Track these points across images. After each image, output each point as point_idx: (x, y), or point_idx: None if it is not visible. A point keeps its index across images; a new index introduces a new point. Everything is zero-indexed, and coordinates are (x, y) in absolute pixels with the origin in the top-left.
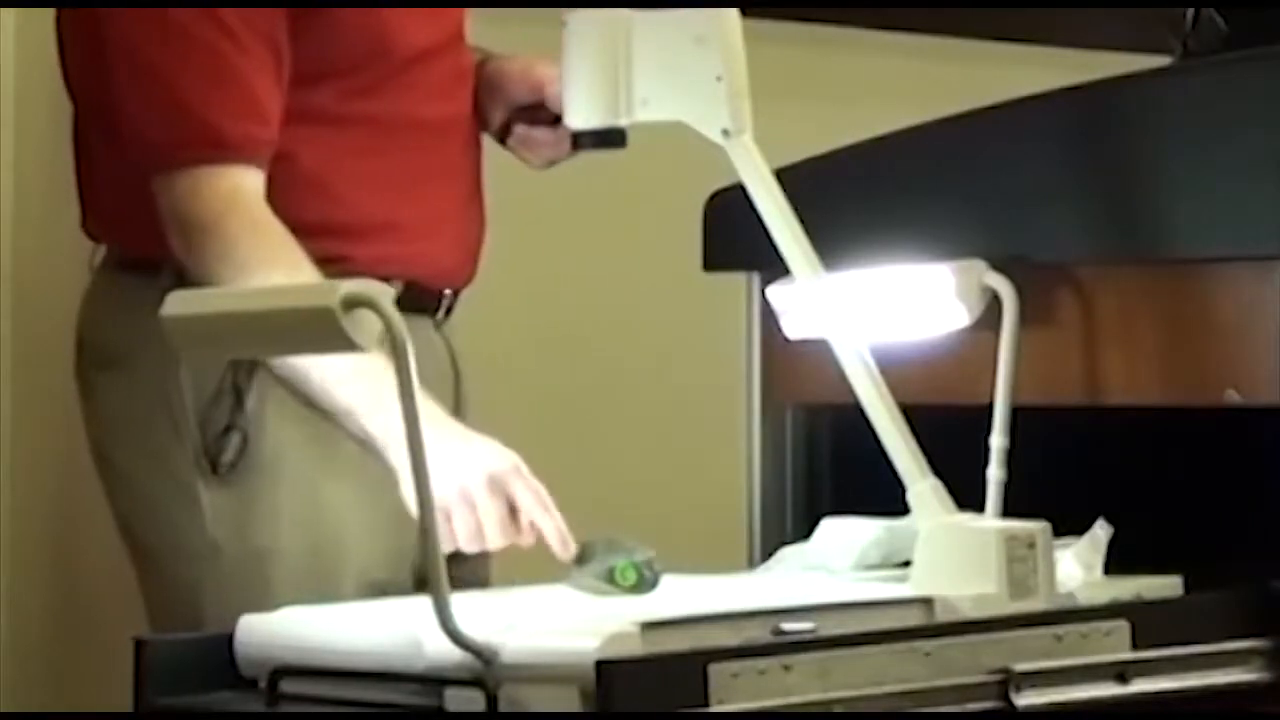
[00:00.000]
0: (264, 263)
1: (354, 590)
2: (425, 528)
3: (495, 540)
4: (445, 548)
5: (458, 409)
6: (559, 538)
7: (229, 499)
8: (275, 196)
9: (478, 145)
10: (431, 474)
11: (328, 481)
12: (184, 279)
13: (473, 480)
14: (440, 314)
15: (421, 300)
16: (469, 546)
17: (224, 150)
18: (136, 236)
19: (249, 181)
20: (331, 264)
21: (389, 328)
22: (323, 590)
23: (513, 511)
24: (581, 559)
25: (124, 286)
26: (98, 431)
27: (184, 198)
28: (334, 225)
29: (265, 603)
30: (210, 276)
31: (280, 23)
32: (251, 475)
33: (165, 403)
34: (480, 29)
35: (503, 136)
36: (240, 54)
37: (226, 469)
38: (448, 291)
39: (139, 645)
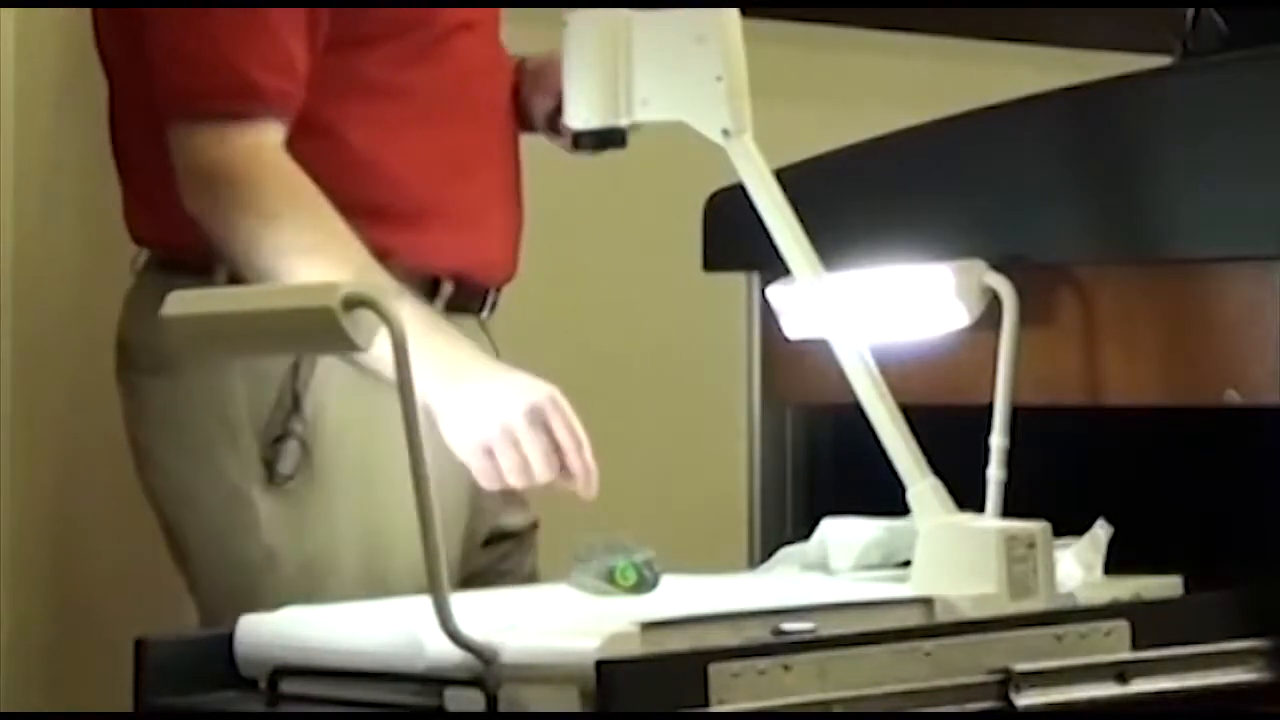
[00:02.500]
0: (292, 217)
1: (406, 594)
2: (425, 527)
3: (542, 474)
4: (492, 485)
5: None
6: (584, 479)
7: (286, 508)
8: (322, 176)
9: (516, 138)
10: (472, 414)
11: (381, 487)
12: (237, 279)
13: (514, 415)
14: (485, 311)
15: (469, 298)
16: (517, 481)
17: (254, 102)
18: (185, 238)
19: (272, 136)
20: (384, 252)
21: (389, 328)
22: (380, 595)
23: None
24: (581, 559)
25: (166, 288)
26: (143, 436)
27: (208, 147)
28: (383, 208)
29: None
30: (233, 228)
31: None
32: (308, 484)
33: (219, 409)
34: None
35: (551, 125)
36: (277, 10)
37: (284, 478)
38: (494, 290)
39: (139, 645)
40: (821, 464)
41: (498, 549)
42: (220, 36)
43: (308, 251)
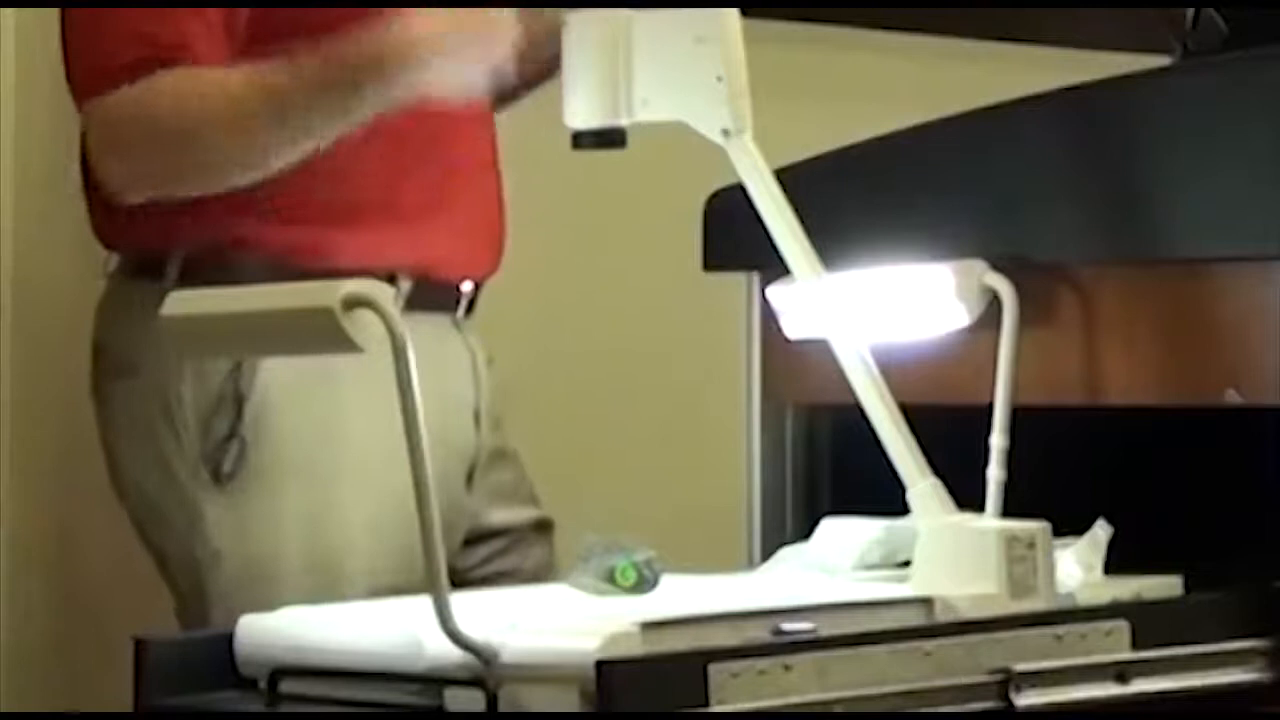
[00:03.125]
0: (202, 117)
1: (363, 594)
2: (425, 527)
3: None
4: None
5: (478, 418)
6: None
7: (230, 507)
8: (280, 182)
9: (490, 128)
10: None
11: (331, 486)
12: (187, 278)
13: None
14: (459, 311)
15: (436, 296)
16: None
17: (159, 49)
18: (140, 235)
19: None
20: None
21: (389, 328)
22: (329, 595)
23: None
24: (582, 558)
25: (130, 292)
26: (110, 441)
27: (105, 106)
28: (332, 204)
29: (270, 609)
30: (149, 170)
31: None
32: (252, 483)
33: (167, 410)
34: None
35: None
36: None
37: (227, 478)
38: (466, 286)
39: (139, 645)
40: (821, 464)
41: (484, 548)
42: (123, 13)
43: (238, 114)
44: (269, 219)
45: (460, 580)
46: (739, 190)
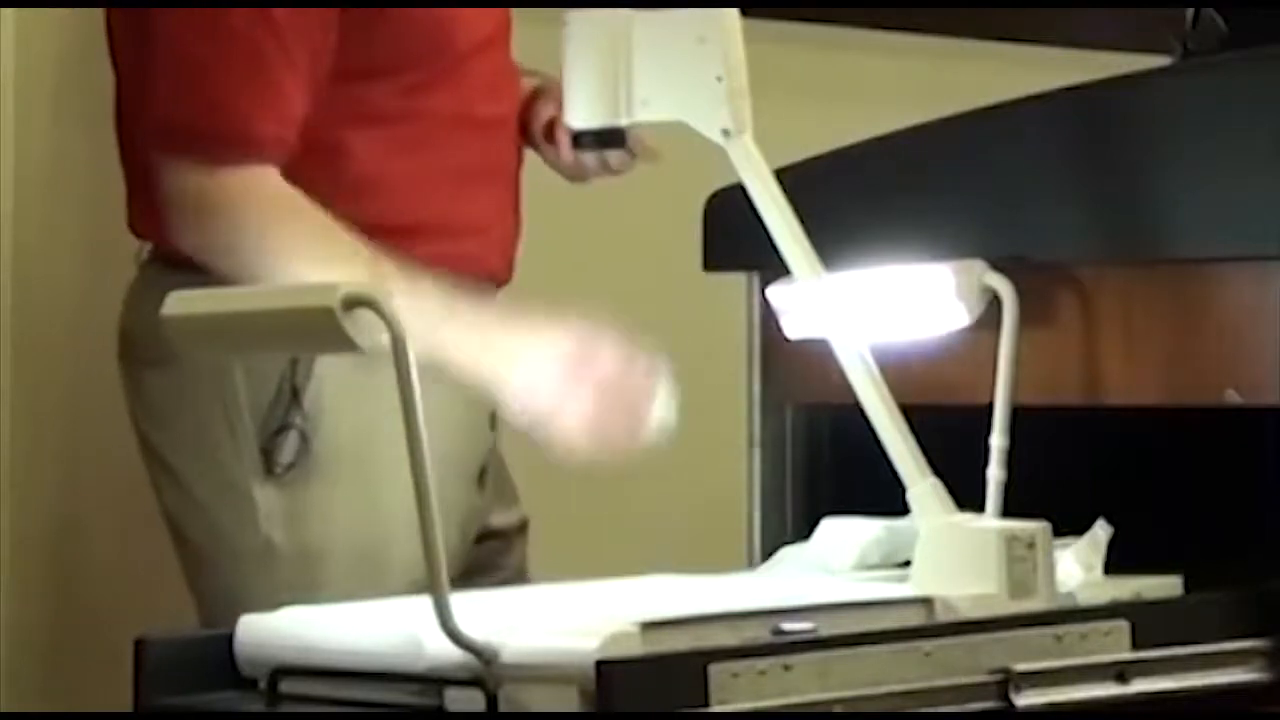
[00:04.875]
0: (291, 233)
1: (404, 593)
2: (425, 527)
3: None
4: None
5: (493, 418)
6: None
7: (283, 499)
8: (326, 196)
9: (520, 150)
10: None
11: (380, 483)
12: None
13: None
14: None
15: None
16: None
17: (248, 148)
18: None
19: (264, 177)
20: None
21: (389, 328)
22: (373, 592)
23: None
24: None
25: (167, 280)
26: (147, 427)
27: (198, 185)
28: (387, 226)
29: (318, 601)
30: (232, 256)
31: (330, 23)
32: (307, 476)
33: (219, 400)
34: None
35: (548, 135)
36: (280, 54)
37: (283, 469)
38: (490, 294)
39: (139, 645)
40: (821, 464)
41: (484, 547)
42: (219, 77)
43: (314, 261)
44: None
45: (465, 578)
46: (739, 190)
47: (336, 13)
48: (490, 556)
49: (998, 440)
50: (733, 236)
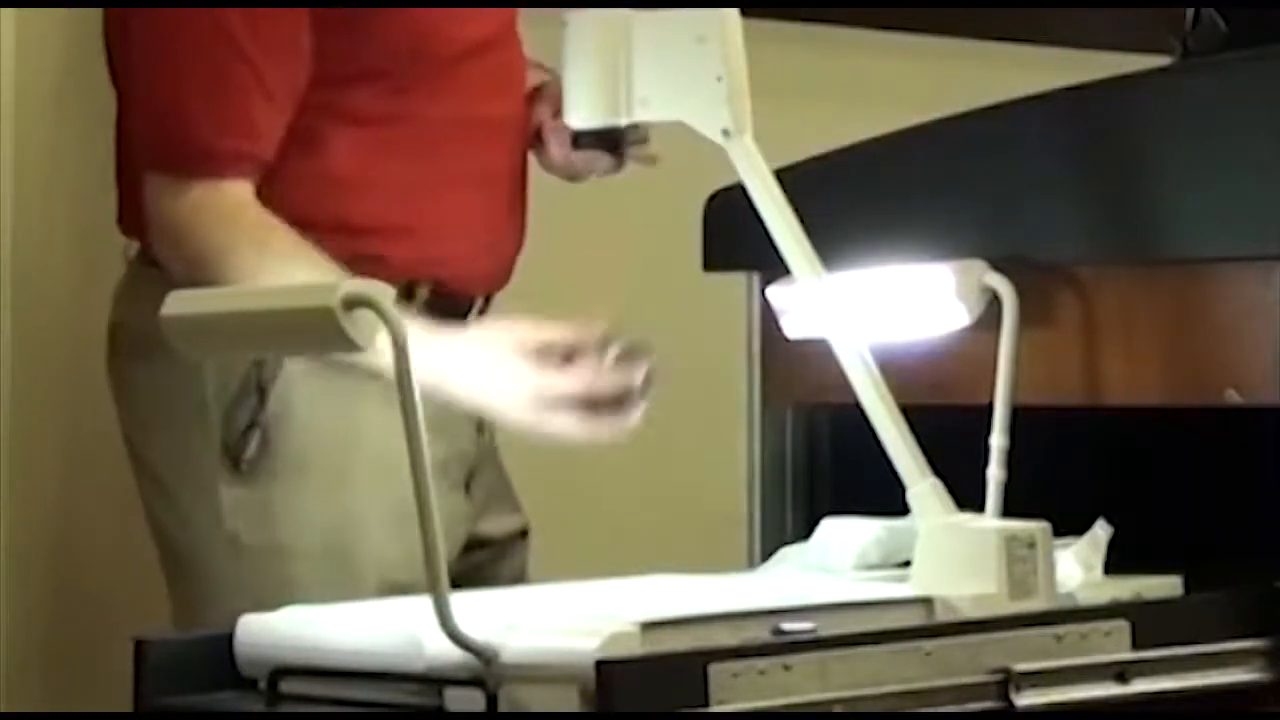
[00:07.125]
0: (254, 263)
1: (374, 591)
2: (425, 527)
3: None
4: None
5: (480, 423)
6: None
7: (249, 496)
8: (302, 193)
9: (525, 146)
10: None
11: (350, 482)
12: None
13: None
14: (470, 320)
15: (449, 305)
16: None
17: (213, 164)
18: None
19: (235, 192)
20: (364, 261)
21: (389, 328)
22: (342, 591)
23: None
24: None
25: (154, 276)
26: (129, 424)
27: (170, 200)
28: (365, 226)
29: (283, 602)
30: (196, 280)
31: (301, 28)
32: (272, 473)
33: (190, 397)
34: None
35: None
36: (245, 68)
37: (248, 466)
38: (479, 298)
39: (139, 645)
40: (821, 464)
41: (472, 557)
42: (185, 96)
43: (279, 278)
44: (296, 223)
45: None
46: (739, 190)
47: (308, 21)
48: (478, 568)
49: (998, 440)
50: (733, 237)
